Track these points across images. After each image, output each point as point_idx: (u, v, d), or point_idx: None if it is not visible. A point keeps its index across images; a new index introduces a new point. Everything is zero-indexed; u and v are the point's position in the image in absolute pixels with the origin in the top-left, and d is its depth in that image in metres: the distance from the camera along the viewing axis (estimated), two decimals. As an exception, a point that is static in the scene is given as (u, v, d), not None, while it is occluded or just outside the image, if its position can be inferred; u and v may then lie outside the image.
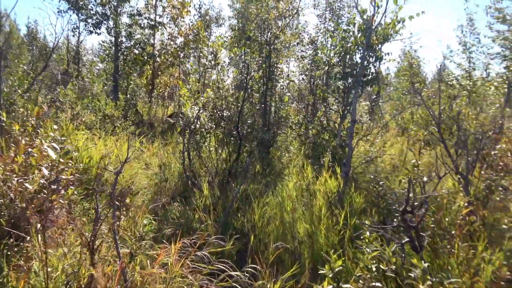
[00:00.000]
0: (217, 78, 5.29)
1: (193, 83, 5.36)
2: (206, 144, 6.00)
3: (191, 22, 15.12)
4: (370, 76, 6.27)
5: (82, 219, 3.38)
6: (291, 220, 3.80)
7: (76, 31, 14.62)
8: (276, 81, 9.00)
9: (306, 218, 3.76)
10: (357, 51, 6.49)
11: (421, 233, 2.28)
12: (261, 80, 8.05)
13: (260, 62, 8.20)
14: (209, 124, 5.80)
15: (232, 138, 6.20)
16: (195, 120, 5.49)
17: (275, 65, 8.69)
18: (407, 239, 2.27)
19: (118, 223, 2.72)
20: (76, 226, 2.63)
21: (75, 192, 3.62)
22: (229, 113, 5.87)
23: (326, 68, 9.17)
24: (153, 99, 16.49)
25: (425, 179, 2.59)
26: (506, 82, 13.76)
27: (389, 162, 7.36)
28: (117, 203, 3.02)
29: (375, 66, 6.64)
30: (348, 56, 6.50)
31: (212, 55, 5.18)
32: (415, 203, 2.26)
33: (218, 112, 5.58)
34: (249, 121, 6.25)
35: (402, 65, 18.96)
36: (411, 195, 2.25)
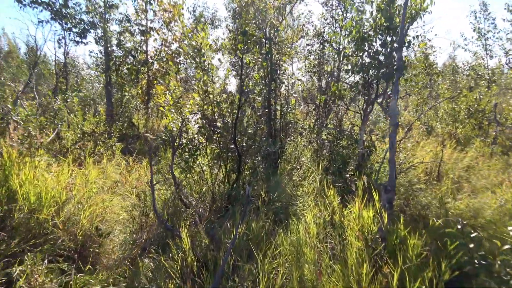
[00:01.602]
0: (203, 79, 4.09)
1: (173, 87, 4.18)
2: (197, 162, 4.79)
3: (185, 26, 14.00)
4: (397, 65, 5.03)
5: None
6: (314, 278, 2.57)
7: (62, 42, 13.53)
8: (280, 82, 7.78)
9: (337, 275, 2.52)
10: (378, 36, 5.26)
11: None
12: (263, 81, 6.86)
13: (260, 60, 7.02)
14: (199, 137, 4.60)
15: (230, 154, 4.99)
16: (180, 134, 4.30)
17: (278, 62, 7.49)
18: None
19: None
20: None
21: None
22: (223, 123, 4.66)
23: (338, 60, 7.92)
24: (150, 110, 15.42)
25: None
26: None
27: (422, 169, 6.07)
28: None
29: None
30: (366, 43, 5.27)
31: (196, 50, 3.99)
32: None
33: (208, 122, 4.38)
34: (249, 131, 5.04)
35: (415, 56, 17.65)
36: None
